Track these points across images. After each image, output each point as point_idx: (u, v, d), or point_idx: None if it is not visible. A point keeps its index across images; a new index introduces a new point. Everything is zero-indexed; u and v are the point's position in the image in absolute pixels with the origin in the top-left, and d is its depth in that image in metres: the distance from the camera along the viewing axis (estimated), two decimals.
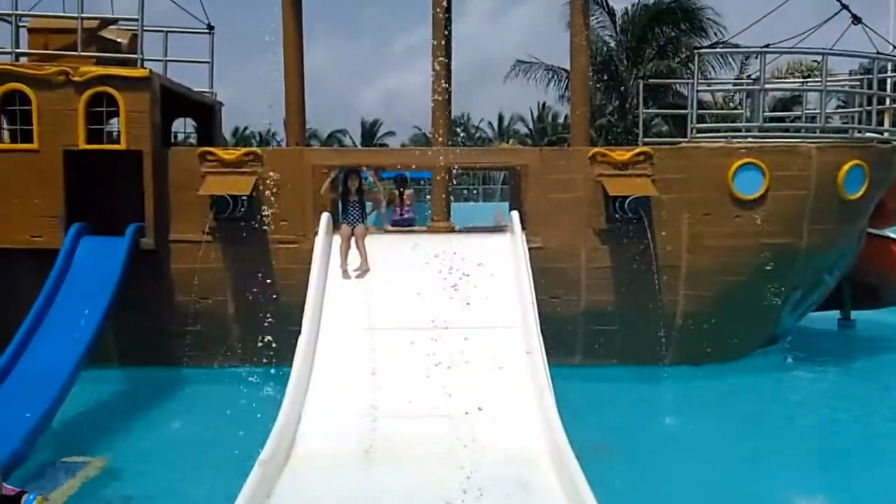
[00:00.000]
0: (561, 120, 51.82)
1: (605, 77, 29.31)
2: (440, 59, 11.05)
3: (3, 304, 10.29)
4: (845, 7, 13.74)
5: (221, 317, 10.74)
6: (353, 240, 9.83)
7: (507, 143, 54.80)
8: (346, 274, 9.55)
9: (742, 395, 10.15)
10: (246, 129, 58.42)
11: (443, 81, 11.22)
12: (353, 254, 9.77)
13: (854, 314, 14.32)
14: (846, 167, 10.81)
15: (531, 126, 59.75)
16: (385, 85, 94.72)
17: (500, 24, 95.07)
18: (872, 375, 11.41)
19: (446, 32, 11.38)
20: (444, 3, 11.22)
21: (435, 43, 11.13)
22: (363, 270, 9.59)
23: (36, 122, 10.22)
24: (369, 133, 62.03)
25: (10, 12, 10.71)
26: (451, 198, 12.35)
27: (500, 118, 63.43)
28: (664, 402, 9.92)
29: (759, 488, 7.01)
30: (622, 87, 28.92)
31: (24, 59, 10.76)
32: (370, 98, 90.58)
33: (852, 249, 11.84)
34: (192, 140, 14.19)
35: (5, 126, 10.50)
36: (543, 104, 56.97)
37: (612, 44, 29.43)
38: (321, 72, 78.70)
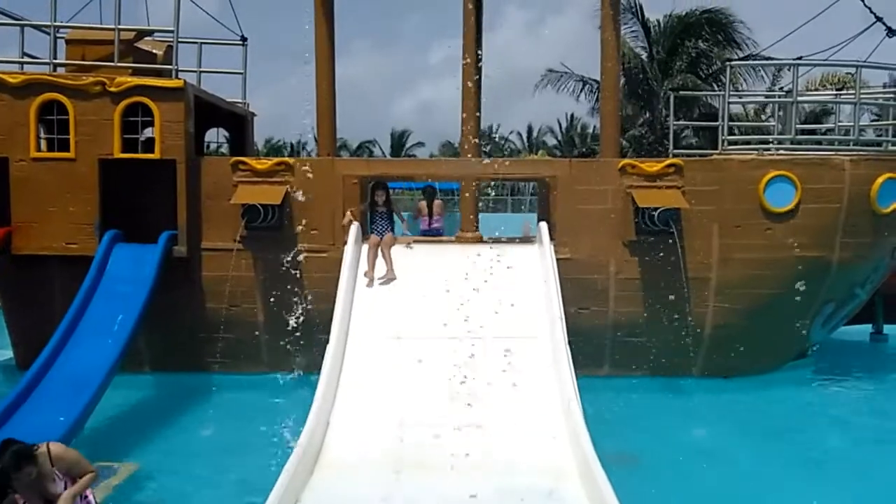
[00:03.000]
0: (590, 131, 51.74)
1: (637, 88, 29.20)
2: (470, 77, 11.14)
3: (39, 309, 10.51)
4: (879, 19, 13.67)
5: (251, 324, 10.84)
6: (380, 249, 9.87)
7: (536, 154, 54.72)
8: (373, 283, 9.59)
9: (771, 408, 10.05)
10: (279, 141, 58.91)
11: (471, 85, 11.27)
12: (381, 263, 9.81)
13: (887, 328, 14.12)
14: (880, 180, 10.70)
15: (559, 138, 59.66)
16: (419, 96, 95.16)
17: (535, 35, 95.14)
18: None
19: (478, 52, 11.46)
20: (475, 24, 11.30)
21: (468, 68, 11.22)
22: (389, 279, 9.62)
23: (73, 132, 10.41)
24: (398, 144, 62.25)
25: (49, 23, 10.92)
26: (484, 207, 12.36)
27: (530, 129, 63.45)
28: (692, 414, 9.83)
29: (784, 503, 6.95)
30: (652, 99, 28.78)
31: (61, 70, 10.96)
32: (404, 109, 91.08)
33: (885, 263, 11.68)
34: (224, 150, 14.36)
35: (42, 135, 10.69)
36: (572, 116, 56.97)
37: (644, 55, 29.31)
38: (357, 82, 79.27)
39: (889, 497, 7.27)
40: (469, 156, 11.32)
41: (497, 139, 59.90)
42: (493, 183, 11.10)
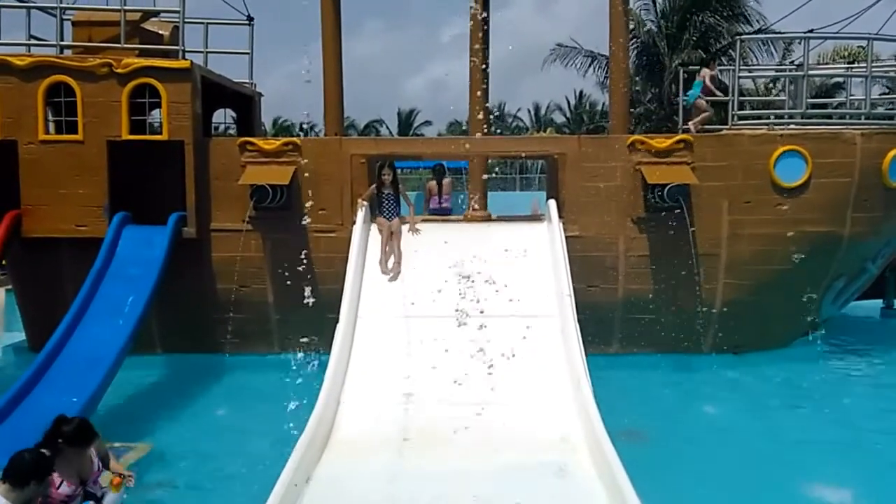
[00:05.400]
0: (599, 108, 51.40)
1: (646, 62, 28.97)
2: (478, 60, 11.08)
3: (50, 291, 10.58)
4: None
5: (261, 304, 10.88)
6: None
7: (545, 132, 54.44)
8: (385, 267, 9.54)
9: (781, 384, 10.04)
10: (287, 121, 58.74)
11: (480, 67, 11.20)
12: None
13: None
14: (891, 154, 10.62)
15: (568, 115, 59.30)
16: (429, 75, 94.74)
17: (544, 11, 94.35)
18: None
19: (484, 28, 11.37)
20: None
21: (476, 46, 11.15)
22: (397, 262, 9.56)
23: (80, 114, 10.41)
24: (406, 123, 62.01)
25: (55, 5, 10.89)
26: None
27: (537, 107, 63.07)
28: (702, 390, 9.83)
29: (794, 478, 6.95)
30: (662, 75, 28.55)
31: (68, 52, 10.94)
32: (413, 88, 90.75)
33: None
34: (232, 131, 14.34)
35: (50, 118, 10.70)
36: (581, 92, 56.60)
37: (654, 29, 29.04)
38: (367, 62, 78.92)
39: None
40: (477, 134, 11.28)
41: (505, 117, 59.59)
42: (498, 161, 11.02)
